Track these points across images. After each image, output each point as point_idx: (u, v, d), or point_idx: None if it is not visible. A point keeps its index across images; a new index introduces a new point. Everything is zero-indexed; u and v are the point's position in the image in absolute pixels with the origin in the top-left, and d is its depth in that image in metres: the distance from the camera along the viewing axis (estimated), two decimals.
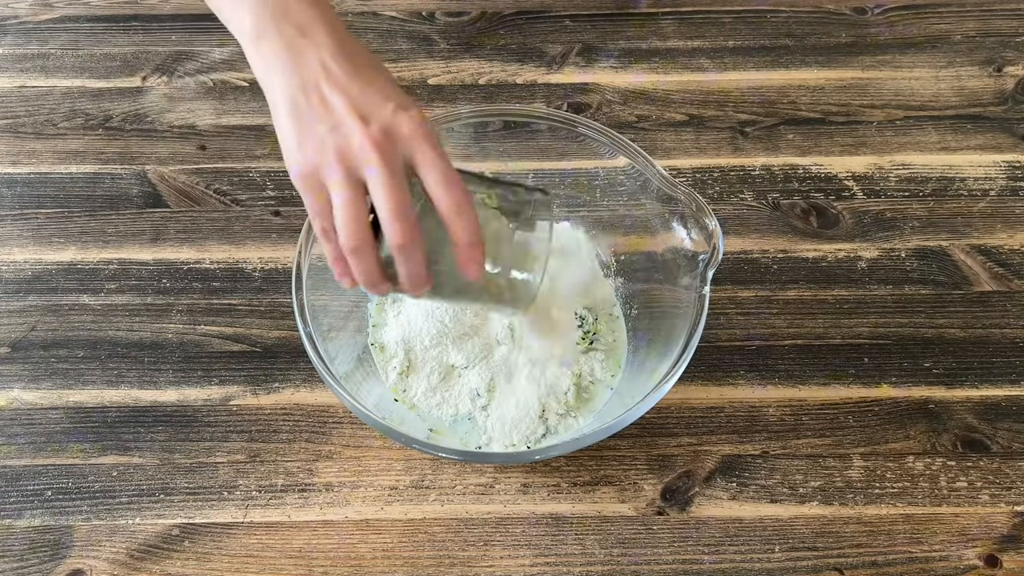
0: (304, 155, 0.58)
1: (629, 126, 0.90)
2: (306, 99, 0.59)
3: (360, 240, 0.58)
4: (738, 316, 0.80)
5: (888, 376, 0.77)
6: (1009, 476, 0.72)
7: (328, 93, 0.59)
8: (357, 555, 0.70)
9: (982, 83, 0.93)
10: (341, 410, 0.75)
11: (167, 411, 0.75)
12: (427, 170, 0.59)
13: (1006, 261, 0.82)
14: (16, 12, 0.98)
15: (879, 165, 0.88)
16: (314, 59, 0.59)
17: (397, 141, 0.58)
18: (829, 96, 0.92)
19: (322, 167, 0.58)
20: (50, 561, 0.69)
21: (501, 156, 0.80)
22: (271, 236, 0.84)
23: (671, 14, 0.98)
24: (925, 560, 0.69)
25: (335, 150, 0.58)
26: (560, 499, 0.72)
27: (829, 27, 0.97)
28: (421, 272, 0.60)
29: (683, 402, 0.75)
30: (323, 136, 0.58)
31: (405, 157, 0.58)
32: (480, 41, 0.96)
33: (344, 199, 0.57)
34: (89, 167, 0.88)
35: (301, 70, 0.59)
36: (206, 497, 0.72)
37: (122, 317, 0.80)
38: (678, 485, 0.72)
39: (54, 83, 0.94)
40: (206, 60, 0.95)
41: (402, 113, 0.58)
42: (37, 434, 0.75)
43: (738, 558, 0.69)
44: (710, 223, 0.70)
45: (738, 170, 0.87)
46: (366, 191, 0.58)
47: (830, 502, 0.71)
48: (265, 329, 0.79)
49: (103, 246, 0.84)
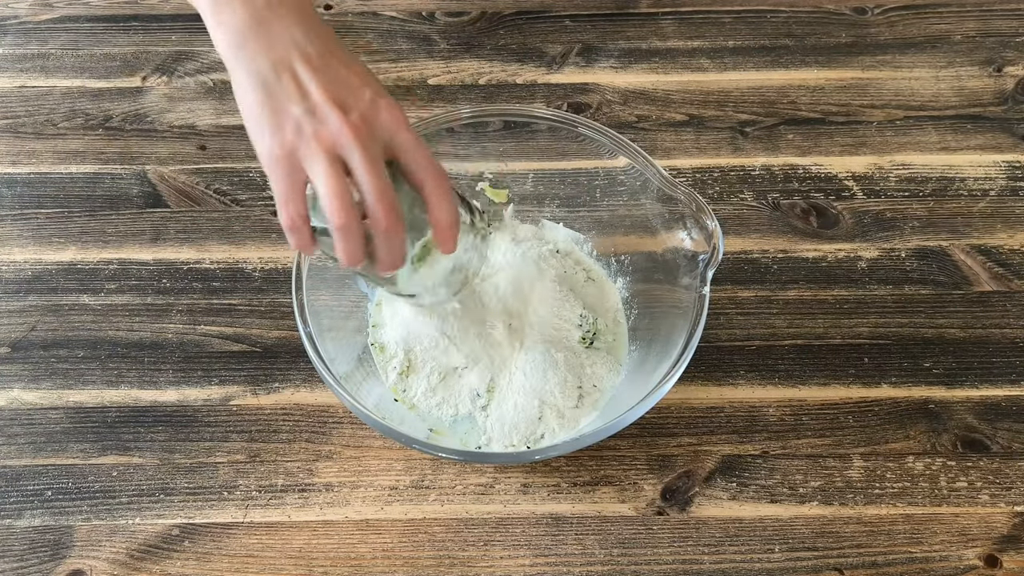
0: (279, 137, 0.57)
1: (629, 126, 0.90)
2: (278, 79, 0.57)
3: (350, 218, 0.57)
4: (738, 316, 0.80)
5: (888, 376, 0.77)
6: (1009, 476, 0.72)
7: (303, 75, 0.57)
8: (357, 555, 0.70)
9: (982, 83, 0.93)
10: (341, 410, 0.75)
11: (167, 411, 0.75)
12: (410, 155, 0.59)
13: (1006, 261, 0.82)
14: (16, 12, 0.98)
15: (879, 165, 0.88)
16: (285, 36, 0.58)
17: (376, 128, 0.58)
18: (829, 96, 0.92)
19: (300, 149, 0.57)
20: (50, 561, 0.69)
21: (501, 156, 0.80)
22: (271, 236, 0.84)
23: (671, 14, 0.98)
24: (925, 560, 0.69)
25: (313, 134, 0.57)
26: (560, 499, 0.72)
27: (829, 27, 0.97)
28: (402, 252, 0.60)
29: (683, 402, 0.75)
30: (299, 119, 0.57)
31: (384, 143, 0.58)
32: (480, 41, 0.96)
33: (330, 177, 0.57)
34: (89, 167, 0.88)
35: (271, 48, 0.58)
36: (206, 497, 0.72)
37: (122, 317, 0.80)
38: (678, 485, 0.72)
39: (54, 83, 0.94)
40: (206, 60, 0.95)
41: (380, 100, 0.58)
42: (37, 434, 0.75)
43: (738, 558, 0.69)
44: (710, 223, 0.70)
45: (738, 170, 0.87)
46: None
47: (830, 502, 0.71)
48: (265, 329, 0.79)
49: (103, 246, 0.83)
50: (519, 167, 0.81)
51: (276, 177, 0.59)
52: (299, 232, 0.60)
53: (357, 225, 0.58)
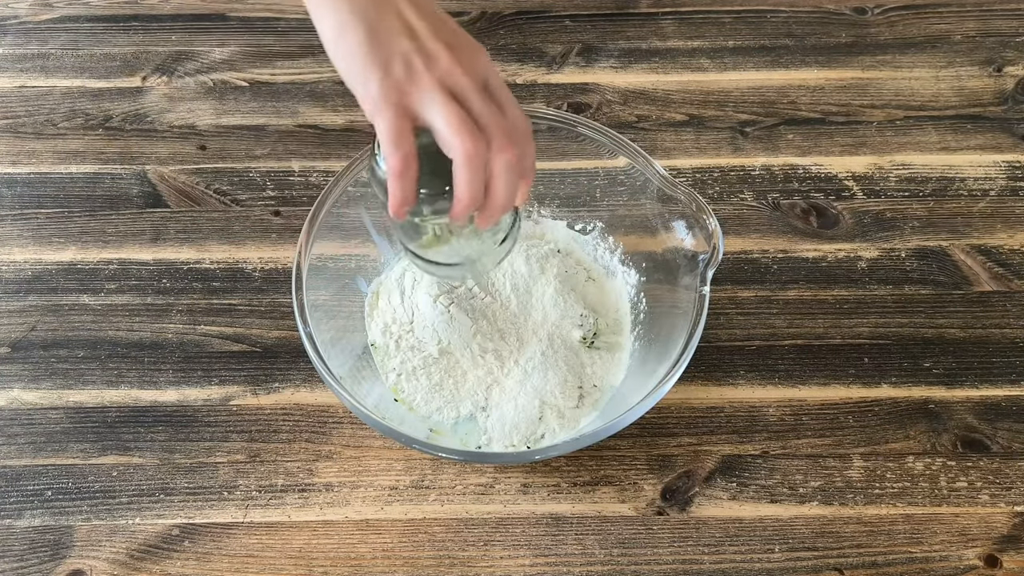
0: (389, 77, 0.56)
1: (629, 126, 0.90)
2: (382, 17, 0.57)
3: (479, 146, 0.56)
4: (738, 316, 0.80)
5: (888, 376, 0.77)
6: (1009, 476, 0.72)
7: (408, 14, 0.57)
8: (357, 555, 0.70)
9: (982, 83, 0.93)
10: (341, 410, 0.75)
11: (167, 411, 0.75)
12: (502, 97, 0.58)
13: (1006, 261, 0.82)
14: (16, 12, 0.98)
15: (879, 165, 0.88)
16: None
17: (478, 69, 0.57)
18: (829, 96, 0.92)
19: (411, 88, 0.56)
20: (50, 561, 0.69)
21: None
22: (271, 236, 0.84)
23: (671, 14, 0.98)
24: (925, 560, 0.69)
25: (426, 70, 0.56)
26: (560, 499, 0.72)
27: (829, 27, 0.97)
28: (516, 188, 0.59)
29: (683, 402, 0.75)
30: (408, 55, 0.56)
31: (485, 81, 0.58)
32: (480, 41, 0.96)
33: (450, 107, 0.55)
34: (89, 167, 0.88)
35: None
36: (206, 497, 0.72)
37: (122, 317, 0.80)
38: (678, 485, 0.72)
39: (54, 83, 0.94)
40: (206, 60, 0.95)
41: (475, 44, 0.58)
42: (37, 434, 0.75)
43: (738, 558, 0.69)
44: (710, 223, 0.70)
45: (738, 170, 0.87)
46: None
47: (830, 502, 0.71)
48: (265, 329, 0.79)
49: (103, 246, 0.84)
50: None
51: (386, 116, 0.56)
52: (407, 178, 0.57)
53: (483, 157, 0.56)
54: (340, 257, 0.76)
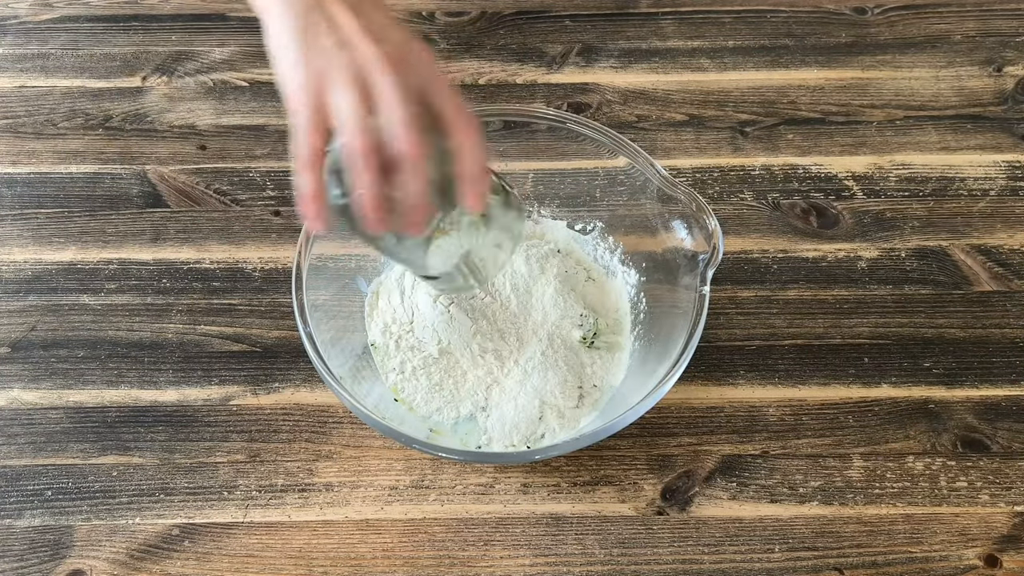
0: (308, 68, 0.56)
1: (629, 126, 0.90)
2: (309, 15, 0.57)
3: (373, 144, 0.55)
4: (738, 316, 0.80)
5: (888, 376, 0.77)
6: (1009, 476, 0.72)
7: (336, 12, 0.57)
8: (357, 555, 0.70)
9: (982, 83, 0.93)
10: (341, 410, 0.75)
11: (167, 411, 0.75)
12: (445, 97, 0.57)
13: (1006, 261, 0.82)
14: (16, 12, 0.98)
15: (879, 165, 0.88)
16: None
17: (409, 63, 0.56)
18: (829, 96, 0.92)
19: (327, 76, 0.56)
20: (50, 561, 0.69)
21: (501, 156, 0.80)
22: (271, 236, 0.84)
23: (671, 14, 0.98)
24: (925, 560, 0.69)
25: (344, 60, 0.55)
26: (560, 499, 0.72)
27: (829, 27, 0.97)
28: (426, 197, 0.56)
29: (683, 402, 0.75)
30: (329, 49, 0.56)
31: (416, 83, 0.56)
32: (480, 41, 0.96)
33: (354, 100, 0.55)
34: (89, 167, 0.88)
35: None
36: (206, 497, 0.72)
37: (122, 317, 0.80)
38: (678, 485, 0.72)
39: (54, 83, 0.94)
40: (206, 60, 0.95)
41: (412, 41, 0.57)
42: (37, 434, 0.75)
43: (738, 558, 0.69)
44: (710, 223, 0.70)
45: (738, 170, 0.87)
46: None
47: (830, 502, 0.71)
48: (265, 329, 0.79)
49: (103, 246, 0.84)
50: (519, 167, 0.81)
51: (298, 111, 0.56)
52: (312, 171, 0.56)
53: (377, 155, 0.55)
54: (340, 257, 0.76)
